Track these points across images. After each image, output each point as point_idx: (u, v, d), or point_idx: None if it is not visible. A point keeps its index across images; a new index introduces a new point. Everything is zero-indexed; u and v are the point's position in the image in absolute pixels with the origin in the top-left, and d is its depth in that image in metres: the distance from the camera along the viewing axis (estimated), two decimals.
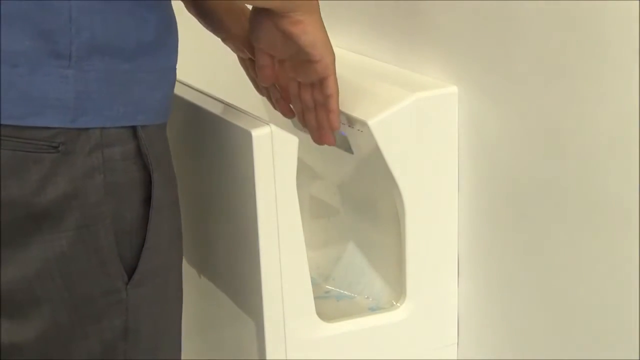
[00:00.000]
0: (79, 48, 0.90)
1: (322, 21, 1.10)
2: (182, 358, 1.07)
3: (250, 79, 1.26)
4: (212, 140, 1.19)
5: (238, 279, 1.21)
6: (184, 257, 1.35)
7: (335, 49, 1.10)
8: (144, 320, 0.99)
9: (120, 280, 0.96)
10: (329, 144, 1.17)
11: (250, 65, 1.23)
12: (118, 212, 0.94)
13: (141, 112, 0.95)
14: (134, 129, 0.94)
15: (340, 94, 1.13)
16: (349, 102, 1.20)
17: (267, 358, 1.17)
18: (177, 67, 1.01)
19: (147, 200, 0.97)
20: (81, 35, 0.90)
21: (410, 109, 1.17)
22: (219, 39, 1.24)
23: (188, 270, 1.34)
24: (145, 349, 0.99)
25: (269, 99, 1.23)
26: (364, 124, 1.16)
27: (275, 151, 1.10)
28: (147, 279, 0.98)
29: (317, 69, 1.10)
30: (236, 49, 1.22)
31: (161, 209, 0.98)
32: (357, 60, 1.35)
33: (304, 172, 1.19)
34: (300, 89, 1.16)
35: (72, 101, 0.90)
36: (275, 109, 1.22)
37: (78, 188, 0.91)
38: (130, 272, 0.96)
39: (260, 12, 1.09)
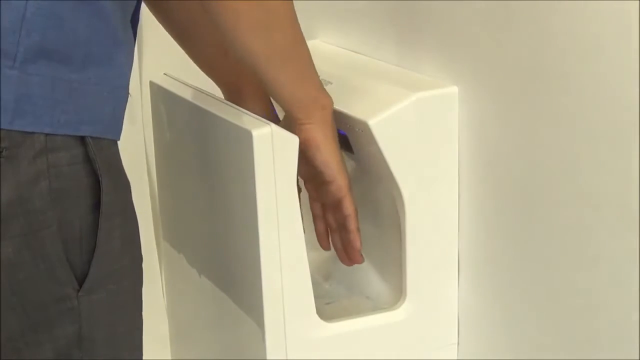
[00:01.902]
0: (27, 50, 0.89)
1: (335, 139, 1.14)
2: (183, 358, 1.07)
3: None
4: (212, 140, 1.19)
5: (238, 279, 1.21)
6: (184, 256, 1.35)
7: (336, 49, 1.10)
8: (98, 327, 0.97)
9: (70, 287, 0.94)
10: (357, 263, 1.22)
11: None
12: (65, 219, 0.93)
13: (85, 123, 0.94)
14: (81, 136, 0.93)
15: (340, 94, 1.13)
16: (349, 102, 1.20)
17: (267, 358, 1.17)
18: (129, 86, 1.00)
19: (97, 206, 0.95)
20: (31, 37, 0.89)
21: (410, 109, 1.17)
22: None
23: (188, 270, 1.34)
24: (102, 357, 0.98)
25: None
26: (364, 124, 1.16)
27: (275, 151, 1.10)
28: (99, 285, 0.96)
29: (331, 190, 1.14)
30: None
31: (112, 215, 0.96)
32: (357, 60, 1.35)
33: None
34: (324, 210, 1.20)
35: (12, 102, 0.89)
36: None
37: (23, 194, 0.90)
38: (82, 279, 0.95)
39: None
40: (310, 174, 1.16)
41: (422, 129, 1.18)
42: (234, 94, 1.26)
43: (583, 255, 1.07)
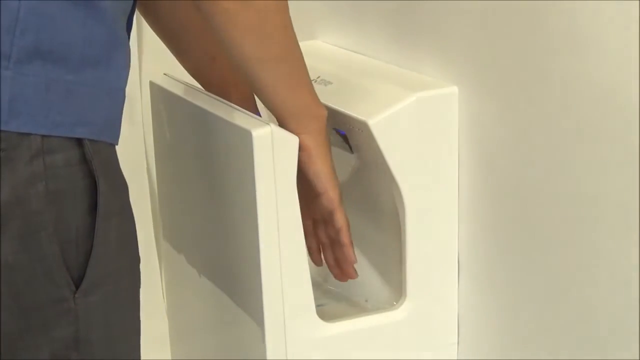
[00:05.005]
0: (21, 50, 0.89)
1: (328, 151, 1.13)
2: (183, 358, 1.07)
3: None
4: (212, 140, 1.19)
5: (238, 279, 1.21)
6: (184, 256, 1.35)
7: (336, 49, 1.10)
8: (96, 329, 0.97)
9: (67, 289, 0.94)
10: (352, 278, 1.21)
11: None
12: (62, 220, 0.93)
13: (81, 125, 0.93)
14: (78, 138, 0.93)
15: (340, 94, 1.12)
16: (349, 102, 1.20)
17: (267, 358, 1.17)
18: (126, 89, 0.99)
19: (94, 207, 0.95)
20: (25, 37, 0.89)
21: (410, 109, 1.17)
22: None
23: (188, 270, 1.34)
24: (99, 358, 0.98)
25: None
26: (364, 124, 1.16)
27: (275, 151, 1.10)
28: (96, 287, 0.96)
29: (322, 202, 1.14)
30: None
31: (109, 216, 0.96)
32: (357, 60, 1.35)
33: None
34: (315, 226, 1.19)
35: (7, 103, 0.89)
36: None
37: (20, 196, 0.90)
38: (78, 280, 0.94)
39: None
40: (302, 188, 1.14)
41: (422, 129, 1.18)
42: None
43: (583, 256, 1.07)
